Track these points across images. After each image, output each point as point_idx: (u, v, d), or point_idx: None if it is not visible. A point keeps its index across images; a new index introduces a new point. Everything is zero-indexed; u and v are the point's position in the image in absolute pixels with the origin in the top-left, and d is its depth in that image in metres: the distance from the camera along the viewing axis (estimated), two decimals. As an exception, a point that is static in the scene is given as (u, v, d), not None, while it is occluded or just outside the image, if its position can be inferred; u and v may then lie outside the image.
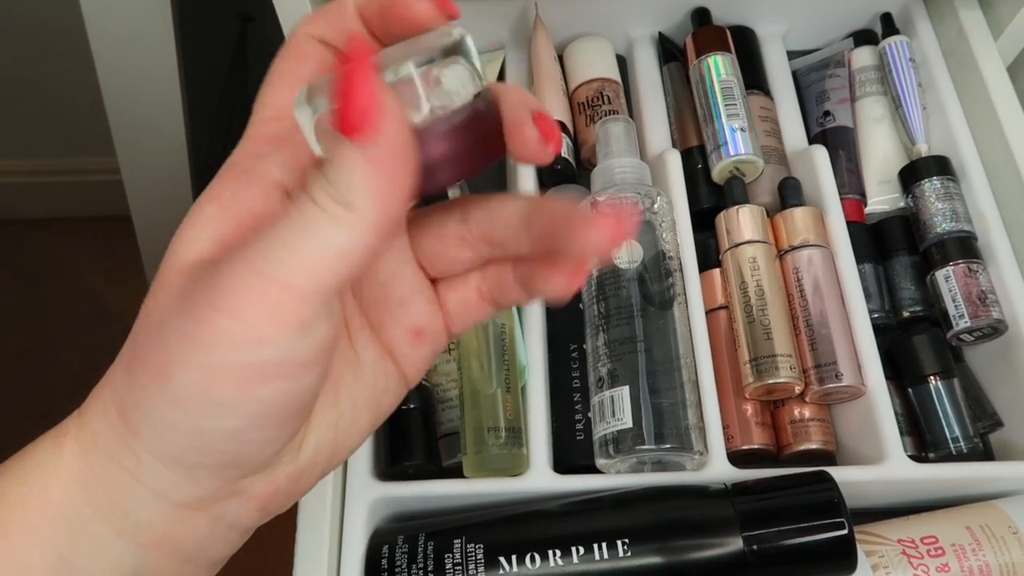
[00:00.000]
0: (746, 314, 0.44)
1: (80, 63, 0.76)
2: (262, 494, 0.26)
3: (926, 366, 0.45)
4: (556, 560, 0.35)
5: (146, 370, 0.23)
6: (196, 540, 0.25)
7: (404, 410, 0.41)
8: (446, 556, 0.36)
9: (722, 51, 0.51)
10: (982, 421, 0.46)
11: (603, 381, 0.41)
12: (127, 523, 0.24)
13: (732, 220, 0.47)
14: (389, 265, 0.28)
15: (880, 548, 0.39)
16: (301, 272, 0.21)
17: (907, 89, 0.52)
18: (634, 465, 0.40)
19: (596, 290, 0.43)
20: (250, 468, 0.25)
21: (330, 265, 0.21)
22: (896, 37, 0.54)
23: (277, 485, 0.26)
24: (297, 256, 0.21)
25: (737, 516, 0.36)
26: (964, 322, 0.45)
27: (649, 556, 0.35)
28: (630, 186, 0.45)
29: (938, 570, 0.38)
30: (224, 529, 0.26)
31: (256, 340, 0.21)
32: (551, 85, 0.52)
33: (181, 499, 0.24)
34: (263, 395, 0.22)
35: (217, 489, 0.25)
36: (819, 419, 0.44)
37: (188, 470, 0.24)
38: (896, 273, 0.49)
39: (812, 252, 0.46)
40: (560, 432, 0.42)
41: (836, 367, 0.43)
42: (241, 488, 0.25)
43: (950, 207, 0.48)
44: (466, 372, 0.41)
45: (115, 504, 0.24)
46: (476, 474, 0.40)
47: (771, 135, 0.52)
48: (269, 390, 0.22)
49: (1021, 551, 0.39)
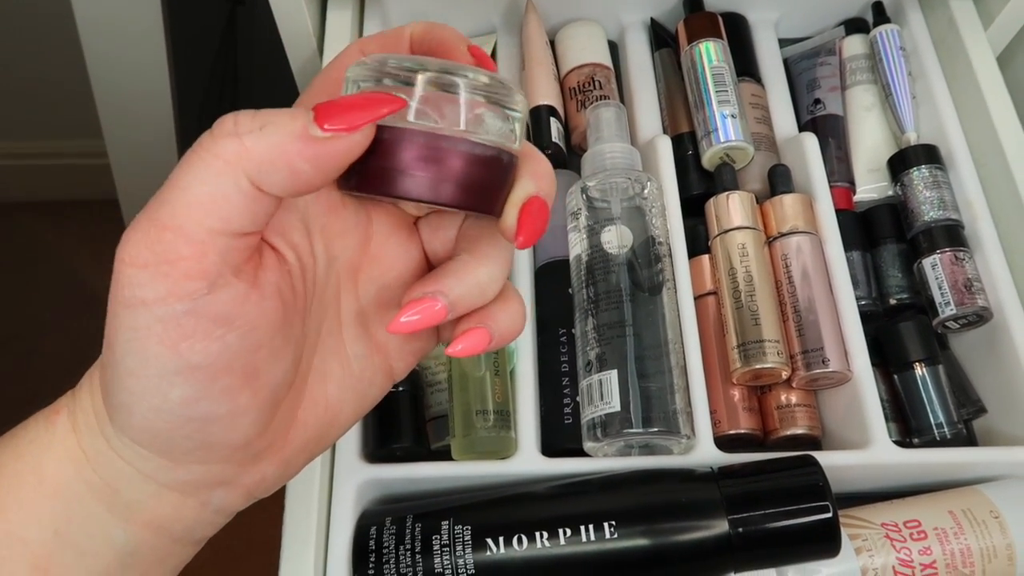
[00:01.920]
0: (734, 300, 0.44)
1: (68, 46, 0.75)
2: (250, 483, 0.26)
3: (912, 353, 0.45)
4: (543, 542, 0.35)
5: (106, 347, 0.23)
6: (185, 523, 0.26)
7: (393, 393, 0.41)
8: (434, 537, 0.36)
9: (714, 37, 0.51)
10: (966, 407, 0.46)
11: (592, 365, 0.41)
12: (118, 501, 0.25)
13: (722, 206, 0.47)
14: (397, 266, 0.28)
15: (864, 531, 0.39)
16: (184, 212, 0.21)
17: (897, 78, 0.52)
18: (622, 449, 0.40)
19: (586, 275, 0.43)
20: (227, 450, 0.25)
21: (211, 209, 0.21)
22: (887, 26, 0.54)
23: (264, 473, 0.26)
24: (180, 197, 0.21)
25: (723, 499, 0.36)
26: (950, 309, 0.45)
27: (636, 538, 0.35)
28: (620, 171, 0.45)
29: (920, 553, 0.39)
30: (211, 513, 0.26)
31: (166, 292, 0.21)
32: (542, 70, 0.52)
33: (168, 482, 0.25)
34: (190, 357, 0.22)
35: (204, 475, 0.25)
36: (805, 404, 0.45)
37: (167, 452, 0.24)
38: (884, 260, 0.49)
39: (801, 239, 0.46)
40: (548, 415, 0.43)
41: (823, 353, 0.43)
42: (230, 478, 0.26)
43: (938, 195, 0.48)
44: (455, 355, 0.41)
45: (105, 483, 0.24)
46: (464, 457, 0.40)
47: (762, 122, 0.52)
48: (194, 350, 0.22)
49: (1002, 535, 0.39)
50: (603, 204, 0.44)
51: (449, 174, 0.23)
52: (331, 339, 0.27)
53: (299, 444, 0.27)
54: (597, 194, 0.44)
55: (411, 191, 0.23)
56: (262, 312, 0.23)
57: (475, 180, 0.24)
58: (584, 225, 0.44)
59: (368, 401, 0.29)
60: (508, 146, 0.25)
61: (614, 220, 0.43)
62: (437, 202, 0.24)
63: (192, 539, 0.27)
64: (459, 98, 0.23)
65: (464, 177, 0.24)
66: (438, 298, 0.25)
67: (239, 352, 0.23)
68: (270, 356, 0.24)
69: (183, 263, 0.21)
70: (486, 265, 0.26)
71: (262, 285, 0.23)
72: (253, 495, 0.27)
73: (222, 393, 0.23)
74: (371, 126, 0.23)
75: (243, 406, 0.24)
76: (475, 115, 0.24)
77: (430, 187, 0.23)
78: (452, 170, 0.23)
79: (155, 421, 0.23)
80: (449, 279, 0.25)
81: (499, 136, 0.24)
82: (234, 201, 0.21)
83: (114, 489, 0.25)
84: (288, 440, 0.27)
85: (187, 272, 0.21)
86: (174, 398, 0.23)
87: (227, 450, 0.25)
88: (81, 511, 0.25)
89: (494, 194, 0.25)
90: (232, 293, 0.22)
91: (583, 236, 0.44)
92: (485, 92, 0.24)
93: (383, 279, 0.28)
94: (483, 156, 0.24)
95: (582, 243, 0.44)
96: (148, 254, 0.21)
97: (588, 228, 0.44)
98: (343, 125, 0.22)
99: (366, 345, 0.28)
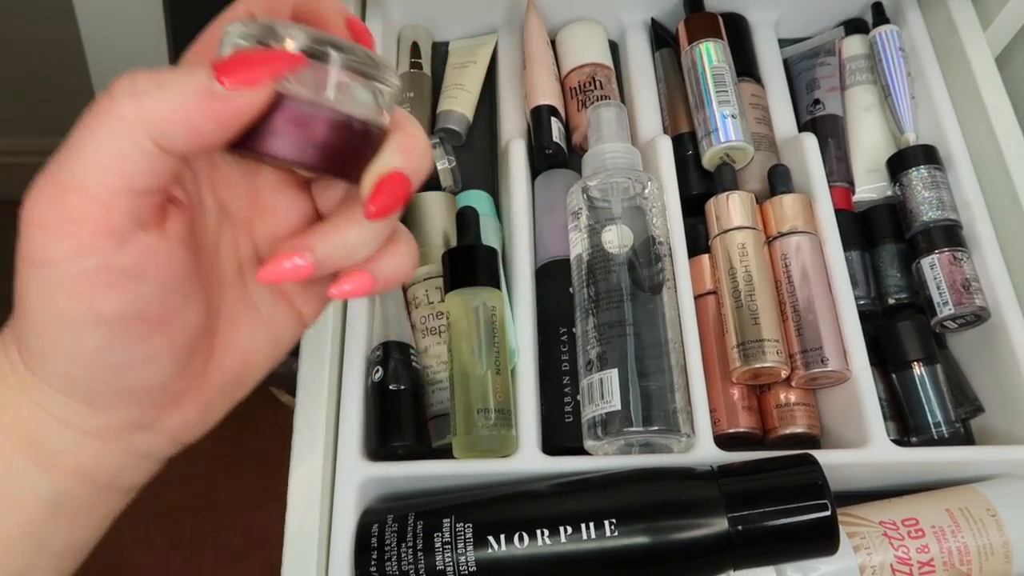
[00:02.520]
0: (734, 299, 0.45)
1: (67, 43, 0.75)
2: (172, 427, 0.27)
3: (910, 352, 0.45)
4: (544, 539, 0.36)
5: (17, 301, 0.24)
6: (110, 469, 0.27)
7: (394, 391, 0.41)
8: (435, 535, 0.36)
9: (714, 38, 0.52)
10: (964, 407, 0.47)
11: (592, 364, 0.41)
12: (39, 452, 0.25)
13: (722, 206, 0.47)
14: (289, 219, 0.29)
15: (862, 530, 0.40)
16: (86, 174, 0.22)
17: (896, 78, 0.52)
18: (622, 447, 0.40)
19: (586, 274, 0.43)
20: (145, 394, 0.26)
21: (113, 169, 0.22)
22: (886, 26, 0.54)
23: (185, 417, 0.28)
24: (81, 158, 0.22)
25: (723, 497, 0.36)
26: (948, 309, 0.46)
27: (636, 536, 0.36)
28: (621, 171, 0.45)
29: (918, 551, 0.39)
30: (137, 459, 0.27)
31: (74, 250, 0.22)
32: (543, 69, 0.52)
33: (88, 428, 0.26)
34: (103, 309, 0.23)
35: (124, 419, 0.26)
36: (804, 403, 0.45)
37: (85, 399, 0.25)
38: (882, 260, 0.49)
39: (800, 239, 0.46)
40: (549, 414, 0.43)
41: (822, 352, 0.43)
42: (149, 422, 0.27)
43: (936, 196, 0.48)
44: (456, 354, 0.41)
45: (24, 433, 0.25)
46: (466, 455, 0.40)
47: (761, 122, 0.52)
48: (107, 302, 0.23)
49: (999, 533, 0.40)
50: (604, 204, 0.44)
51: (312, 139, 0.25)
52: (236, 286, 0.28)
53: (217, 388, 0.28)
54: (598, 194, 0.45)
55: (276, 151, 0.25)
56: (171, 261, 0.24)
57: (337, 147, 0.25)
58: (585, 225, 0.44)
59: (282, 345, 0.30)
60: (374, 119, 0.26)
61: (615, 220, 0.43)
62: (298, 163, 0.25)
63: (120, 487, 0.28)
64: (328, 68, 0.25)
65: (326, 143, 0.25)
66: (304, 254, 0.26)
67: (151, 301, 0.24)
68: (182, 302, 0.25)
69: (89, 222, 0.22)
70: (357, 229, 0.27)
71: (169, 236, 0.24)
72: (177, 440, 0.28)
73: (136, 340, 0.24)
74: (271, 82, 0.23)
75: (157, 351, 0.25)
76: (343, 85, 0.25)
77: (293, 149, 0.25)
78: (315, 136, 0.25)
79: (71, 368, 0.24)
80: (317, 237, 0.27)
81: (366, 108, 0.26)
82: (136, 161, 0.22)
83: (34, 439, 0.25)
84: (206, 384, 0.28)
85: (94, 230, 0.22)
86: (88, 346, 0.23)
87: (145, 394, 0.26)
88: (3, 463, 0.25)
89: (355, 163, 0.26)
90: (141, 246, 0.23)
91: (584, 235, 0.44)
92: (356, 65, 0.25)
93: (277, 231, 0.29)
94: (347, 125, 0.25)
95: (583, 242, 0.44)
96: (53, 215, 0.22)
97: (589, 228, 0.44)
98: (244, 81, 0.23)
99: (271, 292, 0.29)
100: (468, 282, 0.43)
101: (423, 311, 0.45)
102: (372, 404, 0.41)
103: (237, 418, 0.98)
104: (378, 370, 0.41)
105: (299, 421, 0.40)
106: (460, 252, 0.44)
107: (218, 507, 1.05)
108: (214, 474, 1.08)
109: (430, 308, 0.44)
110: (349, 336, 0.43)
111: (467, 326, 0.42)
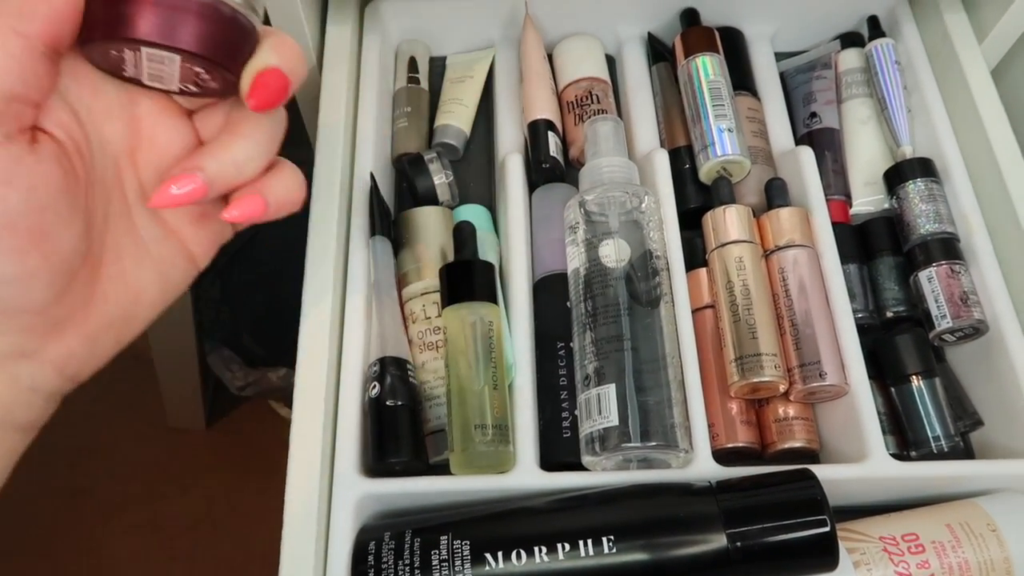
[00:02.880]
0: (732, 313, 0.45)
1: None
2: (57, 357, 0.28)
3: (909, 366, 0.45)
4: (542, 557, 0.35)
5: None
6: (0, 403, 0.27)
7: (391, 407, 0.41)
8: (432, 552, 0.36)
9: (710, 51, 0.52)
10: (963, 420, 0.47)
11: (590, 379, 0.41)
12: None
13: (719, 220, 0.47)
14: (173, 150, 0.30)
15: (862, 545, 0.40)
16: None
17: (893, 91, 0.53)
18: (620, 463, 0.40)
19: (583, 289, 0.43)
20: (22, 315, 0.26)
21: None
22: (882, 40, 0.54)
23: (70, 348, 0.28)
24: None
25: (721, 513, 0.36)
26: (946, 322, 0.46)
27: (634, 553, 0.35)
28: (618, 185, 0.45)
29: (918, 567, 0.39)
30: (27, 392, 0.27)
31: None
32: (540, 84, 0.53)
33: None
34: None
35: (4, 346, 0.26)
36: (803, 418, 0.45)
37: None
38: (880, 274, 0.49)
39: (797, 252, 0.46)
40: (547, 429, 0.43)
41: (820, 366, 0.43)
42: (32, 350, 0.27)
43: (934, 209, 0.48)
44: (453, 369, 0.41)
45: None
46: (463, 471, 0.40)
47: (758, 136, 0.52)
48: None
49: (1000, 548, 0.39)
50: (601, 218, 0.44)
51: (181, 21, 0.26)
52: (122, 219, 0.29)
53: (104, 321, 0.29)
54: (595, 208, 0.45)
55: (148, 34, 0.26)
56: (40, 174, 0.25)
57: (207, 32, 0.27)
58: (582, 239, 0.44)
59: (172, 285, 0.31)
60: (244, 10, 0.28)
61: (612, 234, 0.43)
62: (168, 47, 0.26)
63: (13, 423, 0.28)
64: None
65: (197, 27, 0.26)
66: (196, 173, 0.27)
67: (21, 212, 0.24)
68: (56, 221, 0.25)
69: None
70: (243, 143, 0.28)
71: (38, 152, 0.25)
72: (64, 372, 0.28)
73: (10, 253, 0.24)
74: None
75: (33, 268, 0.25)
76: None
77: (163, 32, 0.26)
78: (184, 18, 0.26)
79: None
80: (205, 156, 0.28)
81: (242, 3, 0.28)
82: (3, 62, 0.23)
83: None
84: (89, 313, 0.28)
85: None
86: None
87: (22, 315, 0.26)
88: None
89: (232, 54, 0.27)
90: (6, 154, 0.24)
91: (581, 250, 0.44)
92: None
93: (161, 162, 0.29)
94: (215, 8, 0.27)
95: (580, 257, 0.44)
96: None
97: (586, 242, 0.44)
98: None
99: (159, 228, 0.30)
100: (465, 297, 0.43)
101: (420, 326, 0.45)
102: (369, 420, 0.41)
103: (237, 431, 0.99)
104: (375, 386, 0.41)
105: (295, 437, 0.40)
106: (457, 267, 0.44)
107: (217, 521, 1.05)
108: (212, 487, 1.08)
109: (427, 323, 0.44)
110: (346, 351, 0.43)
111: (464, 341, 0.42)
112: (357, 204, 0.47)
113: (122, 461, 1.09)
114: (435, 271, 0.45)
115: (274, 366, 0.92)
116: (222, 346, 0.93)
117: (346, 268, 0.45)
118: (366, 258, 0.46)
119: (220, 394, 1.07)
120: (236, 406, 1.12)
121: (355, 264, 0.45)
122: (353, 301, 0.44)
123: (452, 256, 0.46)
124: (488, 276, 0.44)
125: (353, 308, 0.44)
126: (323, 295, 0.43)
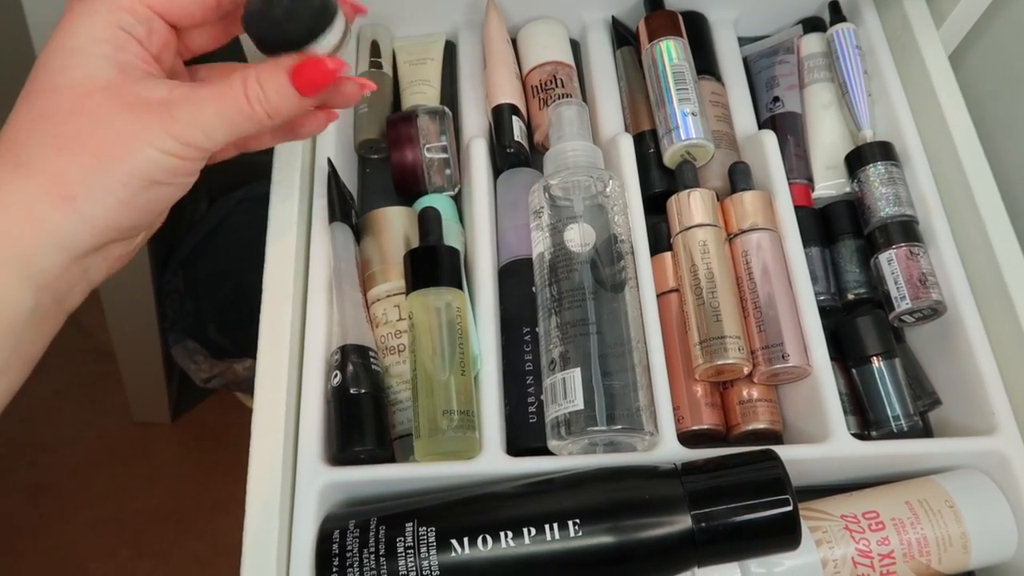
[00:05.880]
0: (696, 297, 0.45)
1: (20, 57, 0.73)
2: (117, 256, 0.33)
3: (869, 347, 0.46)
4: (508, 541, 0.35)
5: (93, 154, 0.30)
6: (68, 286, 0.31)
7: (355, 395, 0.40)
8: (398, 540, 0.36)
9: (674, 36, 0.52)
10: (922, 400, 0.47)
11: (555, 363, 0.41)
12: (32, 270, 0.30)
13: (683, 204, 0.47)
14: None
15: (824, 523, 0.40)
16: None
17: (853, 76, 0.53)
18: (586, 447, 0.40)
19: (548, 273, 0.43)
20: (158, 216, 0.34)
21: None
22: (843, 25, 0.54)
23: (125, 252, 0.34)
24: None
25: (686, 495, 0.36)
26: (905, 304, 0.46)
27: (600, 536, 0.35)
28: (582, 169, 0.45)
29: (879, 543, 0.40)
30: (86, 282, 0.32)
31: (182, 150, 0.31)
32: (504, 68, 0.52)
33: (76, 249, 0.30)
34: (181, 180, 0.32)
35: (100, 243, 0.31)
36: (767, 399, 0.45)
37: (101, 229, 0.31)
38: (842, 256, 0.50)
39: (761, 236, 0.46)
40: (513, 415, 0.43)
41: (783, 348, 0.44)
42: (108, 249, 0.32)
43: (893, 192, 0.49)
44: (419, 355, 0.41)
45: (21, 254, 0.29)
46: (428, 457, 0.40)
47: (722, 120, 0.53)
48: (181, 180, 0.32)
49: (957, 524, 0.40)
50: (565, 202, 0.44)
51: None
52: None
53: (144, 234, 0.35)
54: (559, 192, 0.44)
55: None
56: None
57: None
58: (547, 223, 0.44)
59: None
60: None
61: (576, 218, 0.43)
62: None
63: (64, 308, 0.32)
64: None
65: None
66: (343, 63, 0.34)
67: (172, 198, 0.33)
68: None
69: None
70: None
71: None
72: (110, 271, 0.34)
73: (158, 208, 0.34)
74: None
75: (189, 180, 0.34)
76: None
77: None
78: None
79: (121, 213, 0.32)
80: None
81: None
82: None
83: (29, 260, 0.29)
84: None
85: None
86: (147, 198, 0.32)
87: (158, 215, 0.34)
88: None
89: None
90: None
91: (546, 234, 0.44)
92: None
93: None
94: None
95: (545, 241, 0.44)
96: None
97: (551, 226, 0.44)
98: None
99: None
100: (431, 282, 0.42)
101: (383, 330, 0.44)
102: (332, 409, 0.41)
103: (201, 424, 0.98)
104: (336, 375, 0.41)
105: (257, 427, 0.39)
106: (422, 252, 0.43)
107: (183, 515, 1.04)
108: (178, 481, 1.06)
109: (389, 327, 0.44)
110: (308, 339, 0.42)
111: (430, 327, 0.41)
112: (319, 192, 0.46)
113: (86, 457, 1.07)
114: (399, 273, 0.44)
115: (240, 357, 0.91)
116: (186, 338, 0.92)
117: (307, 256, 0.45)
118: (328, 245, 0.45)
119: (186, 387, 1.05)
120: (202, 399, 1.10)
121: (317, 252, 0.45)
122: (315, 289, 0.44)
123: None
124: (454, 261, 0.43)
125: (315, 296, 0.43)
126: (284, 283, 0.42)
